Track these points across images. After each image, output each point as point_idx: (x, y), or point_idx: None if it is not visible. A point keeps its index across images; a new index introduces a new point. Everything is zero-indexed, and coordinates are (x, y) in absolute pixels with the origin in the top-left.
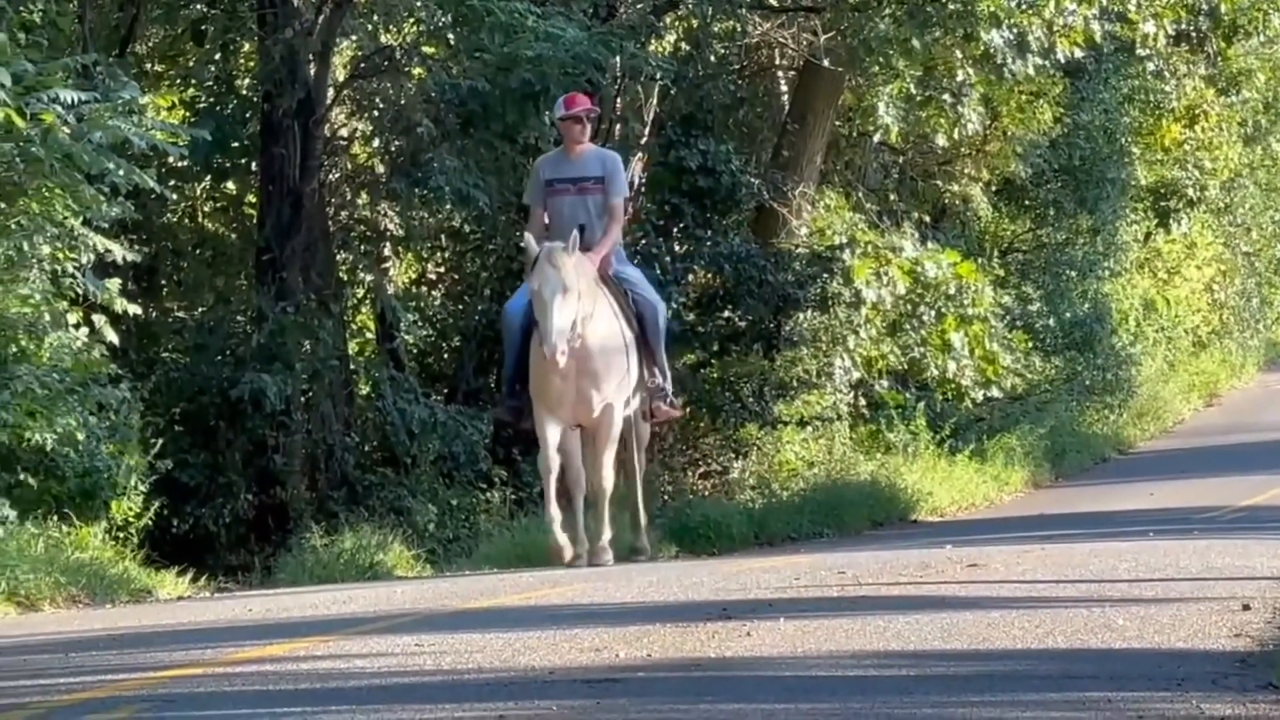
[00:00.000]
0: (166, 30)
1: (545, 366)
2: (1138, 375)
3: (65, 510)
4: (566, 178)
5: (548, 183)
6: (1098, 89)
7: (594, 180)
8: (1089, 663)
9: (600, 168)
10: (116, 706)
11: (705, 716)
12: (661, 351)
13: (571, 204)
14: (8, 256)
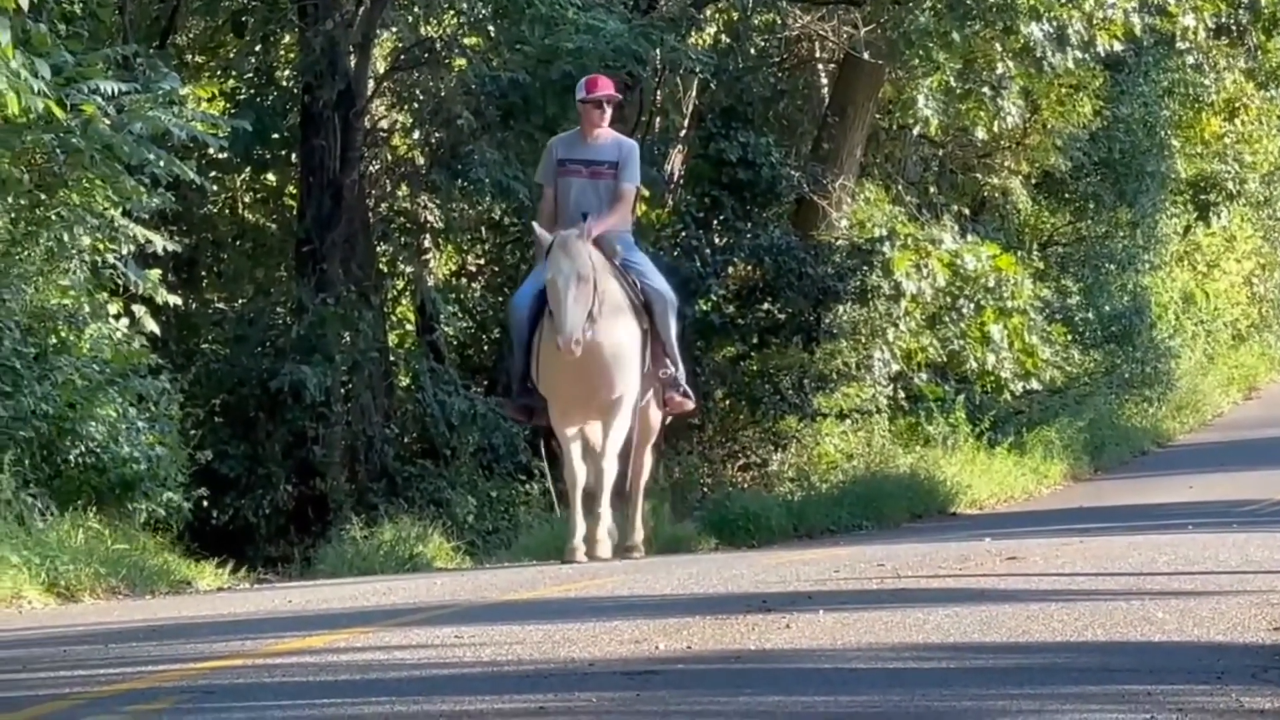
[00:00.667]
0: (207, 21)
1: (556, 361)
2: (1177, 368)
3: (105, 501)
4: (579, 159)
5: (560, 162)
6: (1137, 82)
7: (608, 165)
8: (1128, 656)
9: (616, 154)
10: (156, 698)
11: (745, 709)
12: (672, 341)
13: (581, 187)
14: (48, 247)
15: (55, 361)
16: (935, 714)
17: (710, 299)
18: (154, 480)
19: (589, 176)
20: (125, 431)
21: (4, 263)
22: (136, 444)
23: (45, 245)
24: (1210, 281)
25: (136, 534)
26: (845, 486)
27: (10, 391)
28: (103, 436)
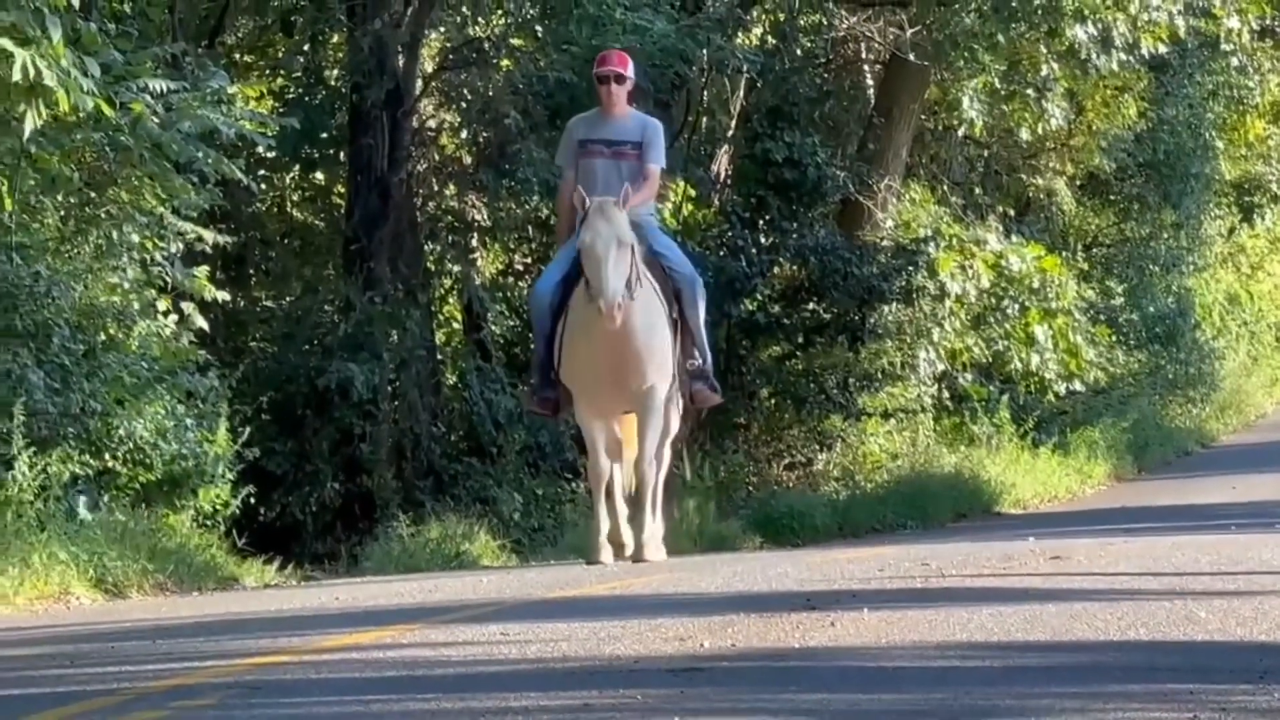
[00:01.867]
0: (256, 21)
1: (584, 347)
2: (1220, 369)
3: (153, 497)
4: (600, 139)
5: (580, 143)
6: (1182, 84)
7: (631, 145)
8: (1171, 655)
9: (640, 133)
10: (203, 694)
11: (789, 706)
12: (701, 331)
13: (604, 167)
14: (97, 245)
15: (104, 359)
16: (979, 712)
17: (756, 298)
18: (202, 477)
19: (611, 156)
20: (173, 429)
21: (54, 260)
22: (184, 441)
23: (95, 243)
24: (1254, 283)
25: (184, 530)
26: (890, 486)
27: (59, 388)
28: (151, 433)
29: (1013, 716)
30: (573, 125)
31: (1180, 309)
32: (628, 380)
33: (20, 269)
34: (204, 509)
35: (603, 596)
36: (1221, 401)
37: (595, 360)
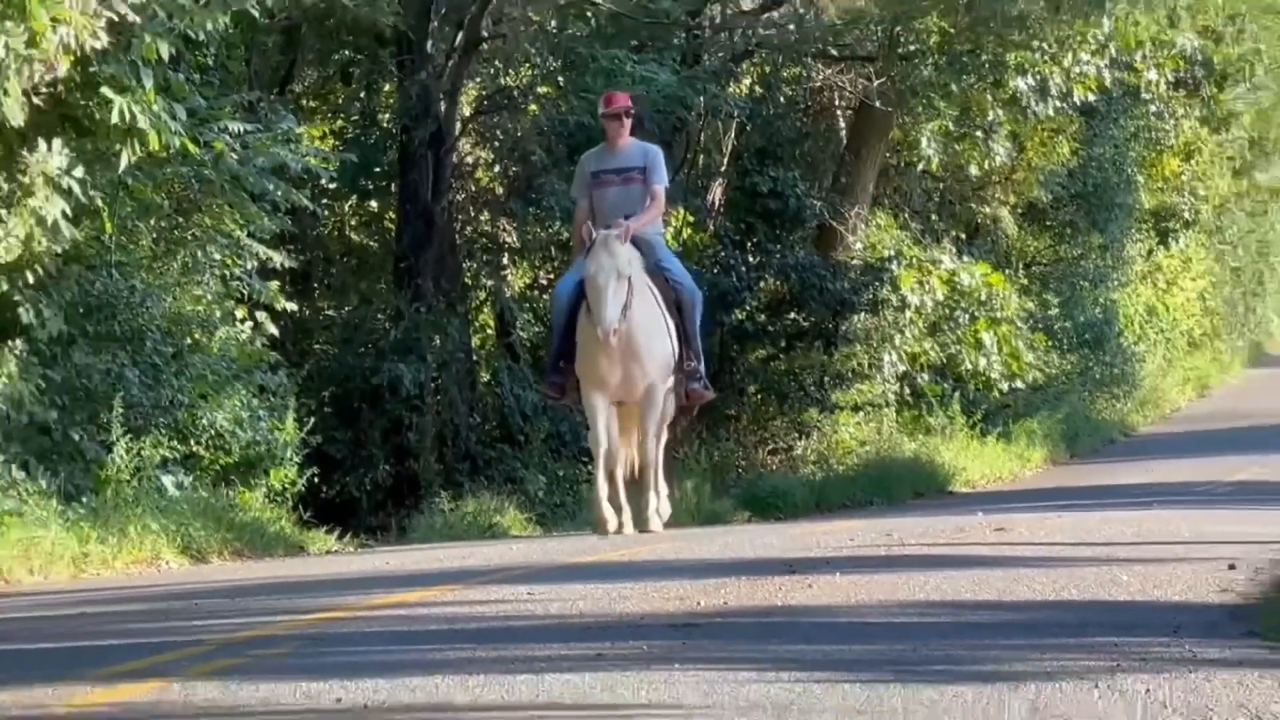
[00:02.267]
0: (319, 72)
1: (594, 347)
2: (1140, 370)
3: (231, 477)
4: (611, 169)
5: (593, 175)
6: (1108, 127)
7: (637, 170)
8: (1099, 613)
9: (642, 158)
10: (274, 644)
11: (773, 656)
12: (697, 337)
13: (617, 193)
14: (184, 263)
15: (190, 359)
16: (936, 661)
17: (745, 309)
18: (272, 460)
19: (622, 183)
20: (248, 419)
21: (148, 275)
22: (258, 429)
23: (182, 261)
24: (1169, 296)
25: (257, 505)
26: (859, 469)
27: (152, 384)
28: (229, 423)
29: (964, 664)
30: (584, 160)
31: (1106, 319)
32: (633, 378)
33: (119, 283)
34: (274, 487)
35: (614, 562)
36: (1141, 398)
37: (602, 359)
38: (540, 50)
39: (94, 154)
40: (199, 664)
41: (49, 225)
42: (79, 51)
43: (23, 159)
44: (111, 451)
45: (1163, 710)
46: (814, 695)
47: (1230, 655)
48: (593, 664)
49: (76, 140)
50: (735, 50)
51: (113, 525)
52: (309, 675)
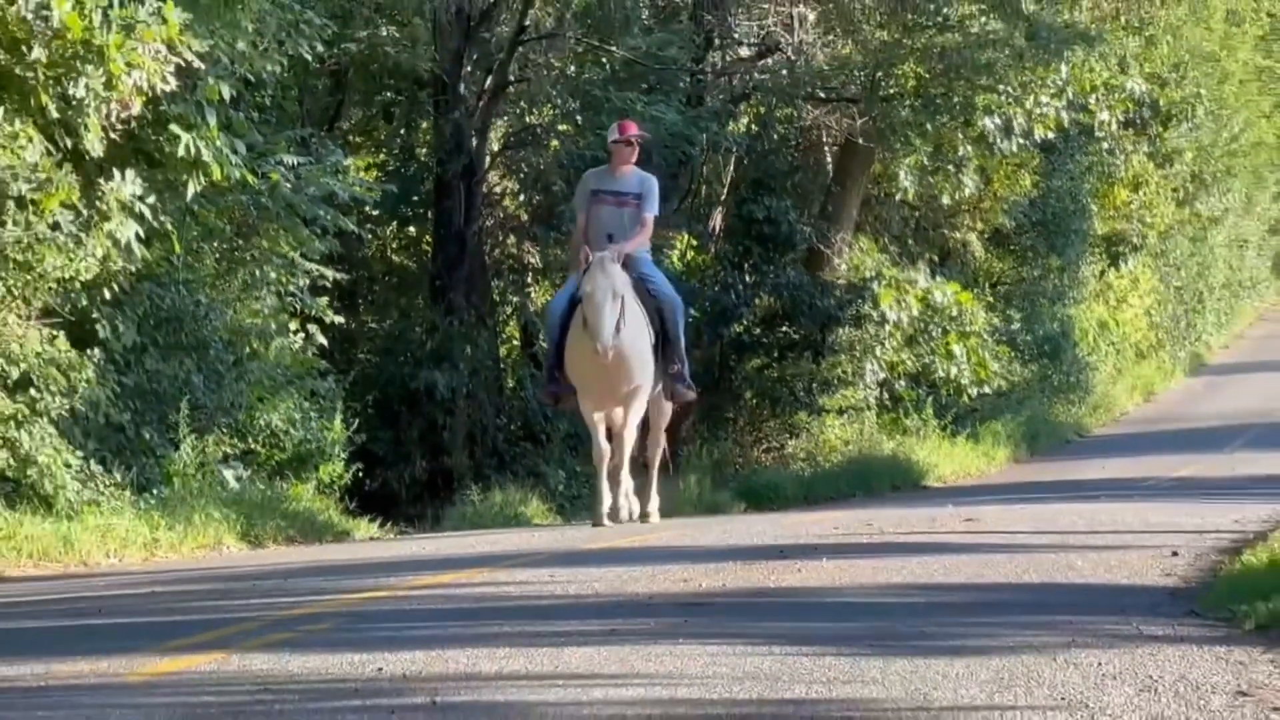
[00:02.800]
0: (364, 111)
1: (584, 361)
2: (1093, 378)
3: (285, 471)
4: (609, 190)
5: (594, 192)
6: (1065, 162)
7: (633, 196)
8: (1056, 594)
9: (639, 186)
10: (322, 620)
11: (767, 631)
12: (679, 343)
13: (610, 213)
14: (244, 280)
15: (249, 366)
16: (911, 636)
17: (742, 323)
18: (322, 456)
19: (616, 205)
20: (300, 419)
21: (211, 291)
22: (309, 429)
23: (242, 279)
24: (1119, 313)
25: (308, 497)
26: (843, 465)
27: (215, 388)
28: (283, 423)
29: (936, 639)
30: (587, 177)
31: (1063, 332)
32: (619, 385)
33: (186, 298)
34: (323, 480)
35: (625, 548)
36: (1093, 403)
37: (593, 369)
38: (561, 92)
39: (163, 183)
40: (255, 637)
41: (123, 247)
42: (150, 92)
43: (100, 187)
44: (178, 448)
45: (1113, 681)
46: (802, 666)
47: (1173, 632)
48: (606, 638)
49: (148, 171)
50: (734, 93)
51: (179, 514)
52: (353, 648)
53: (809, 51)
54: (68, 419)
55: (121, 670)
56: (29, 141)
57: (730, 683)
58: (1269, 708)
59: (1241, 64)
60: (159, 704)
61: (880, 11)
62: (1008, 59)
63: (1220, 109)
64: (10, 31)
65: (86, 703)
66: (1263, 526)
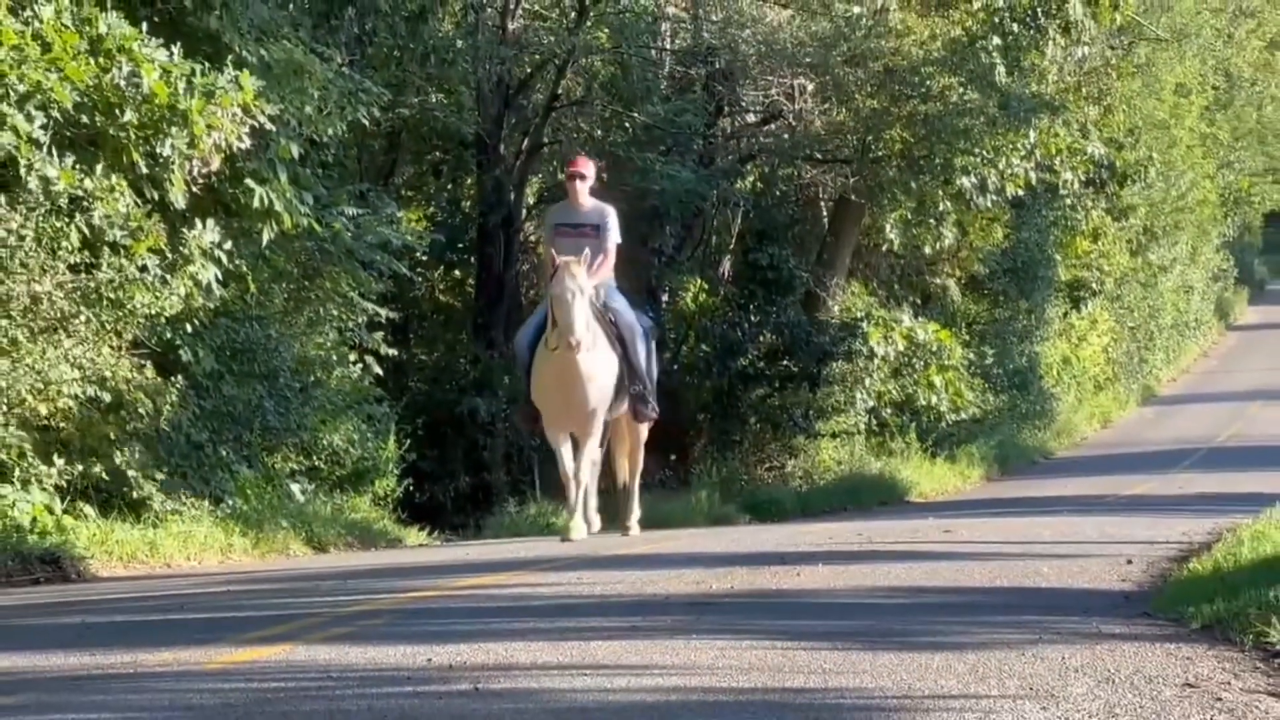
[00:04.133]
0: (416, 168)
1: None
2: (1057, 407)
3: (345, 485)
4: (570, 223)
5: (555, 226)
6: (1033, 216)
7: (592, 227)
8: (1025, 597)
9: (598, 218)
10: (378, 616)
11: (770, 628)
12: (641, 365)
13: (571, 245)
14: (309, 317)
15: (313, 392)
16: (897, 633)
17: (747, 357)
18: (377, 472)
19: (576, 236)
20: (358, 440)
21: (281, 326)
22: (366, 448)
23: (308, 315)
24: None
25: (365, 508)
26: (835, 482)
27: (284, 412)
28: (344, 443)
29: (918, 636)
30: (550, 212)
31: (1030, 366)
32: (576, 405)
33: (258, 331)
34: (378, 494)
35: (644, 554)
36: (1057, 429)
37: (553, 392)
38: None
39: (239, 231)
40: (319, 631)
41: (204, 287)
42: (228, 150)
43: (184, 235)
44: (251, 465)
45: (1075, 673)
46: (801, 659)
47: (1129, 631)
48: (628, 633)
49: (226, 220)
50: (742, 154)
51: (252, 522)
52: (405, 641)
53: (807, 118)
54: (154, 438)
55: (201, 659)
56: (121, 194)
57: (737, 673)
58: (1213, 698)
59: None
60: (234, 689)
61: (870, 83)
62: (983, 125)
63: (1169, 170)
64: (105, 96)
65: (170, 688)
66: (1207, 538)
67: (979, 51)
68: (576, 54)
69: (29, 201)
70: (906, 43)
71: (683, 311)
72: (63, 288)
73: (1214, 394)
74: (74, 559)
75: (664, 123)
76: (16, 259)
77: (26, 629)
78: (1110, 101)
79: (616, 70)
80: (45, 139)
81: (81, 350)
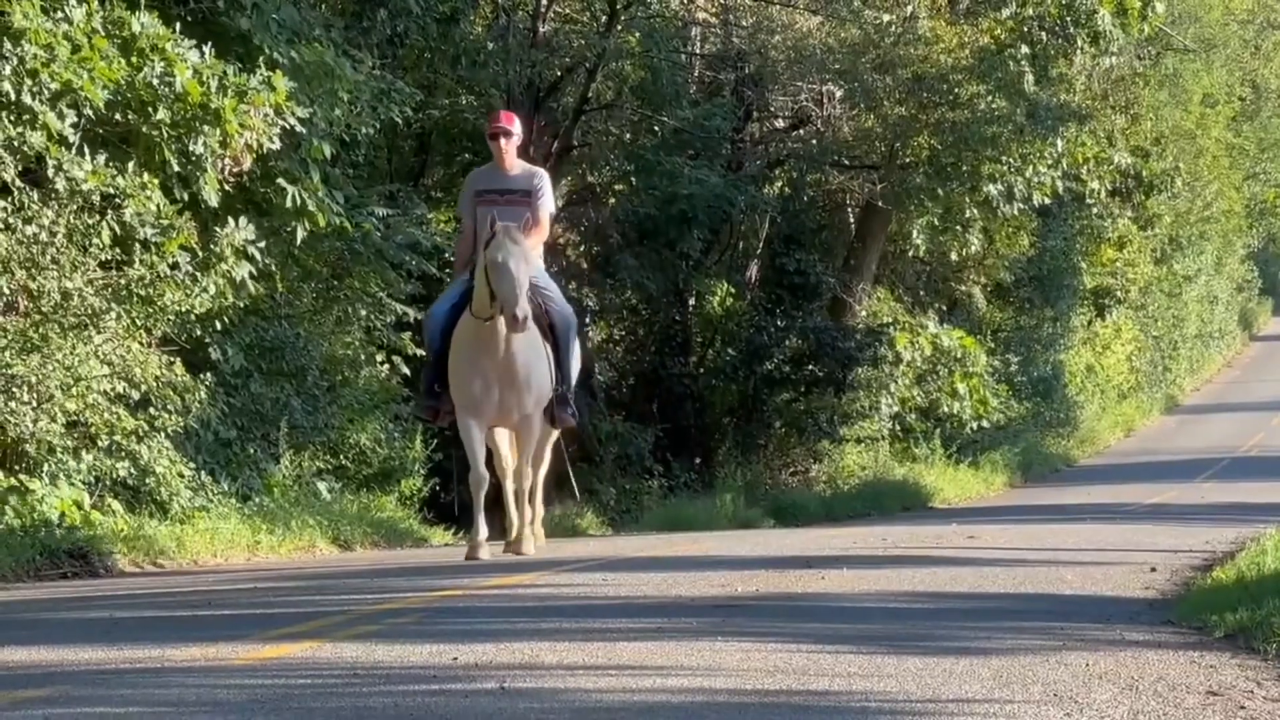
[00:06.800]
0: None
1: (469, 370)
2: (1081, 415)
3: (371, 485)
4: (495, 189)
5: (478, 193)
6: (1059, 224)
7: (521, 194)
8: (1048, 603)
9: (529, 183)
10: (404, 614)
11: (794, 631)
12: (570, 363)
13: (499, 214)
14: (338, 316)
15: (341, 392)
16: (920, 638)
17: (773, 361)
18: (403, 472)
19: (504, 204)
20: (385, 439)
21: (309, 325)
22: (392, 448)
23: (336, 315)
24: (1104, 358)
25: (391, 507)
26: (860, 487)
27: (312, 411)
28: (370, 442)
29: (942, 641)
30: (471, 178)
31: (1054, 374)
32: (507, 405)
33: (287, 331)
34: (404, 493)
35: (669, 556)
36: (1080, 436)
37: (477, 382)
38: (617, 156)
39: (269, 230)
40: (345, 629)
41: (238, 284)
42: (260, 150)
43: (216, 233)
44: (279, 463)
45: (1099, 680)
46: (825, 662)
47: (1152, 638)
48: (654, 635)
49: (256, 219)
50: (770, 159)
51: (278, 520)
52: (432, 639)
53: (836, 124)
54: (182, 434)
55: (228, 655)
56: (153, 192)
57: (763, 675)
58: (1236, 706)
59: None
60: (261, 685)
61: (899, 90)
62: (1010, 133)
63: (1195, 180)
64: (139, 94)
65: (197, 684)
66: (1230, 547)
67: (1007, 60)
68: (606, 57)
69: (60, 198)
70: (935, 50)
71: (709, 315)
72: (93, 284)
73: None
74: (102, 554)
75: (693, 127)
76: (48, 255)
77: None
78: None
79: (646, 74)
80: (75, 138)
81: (111, 347)
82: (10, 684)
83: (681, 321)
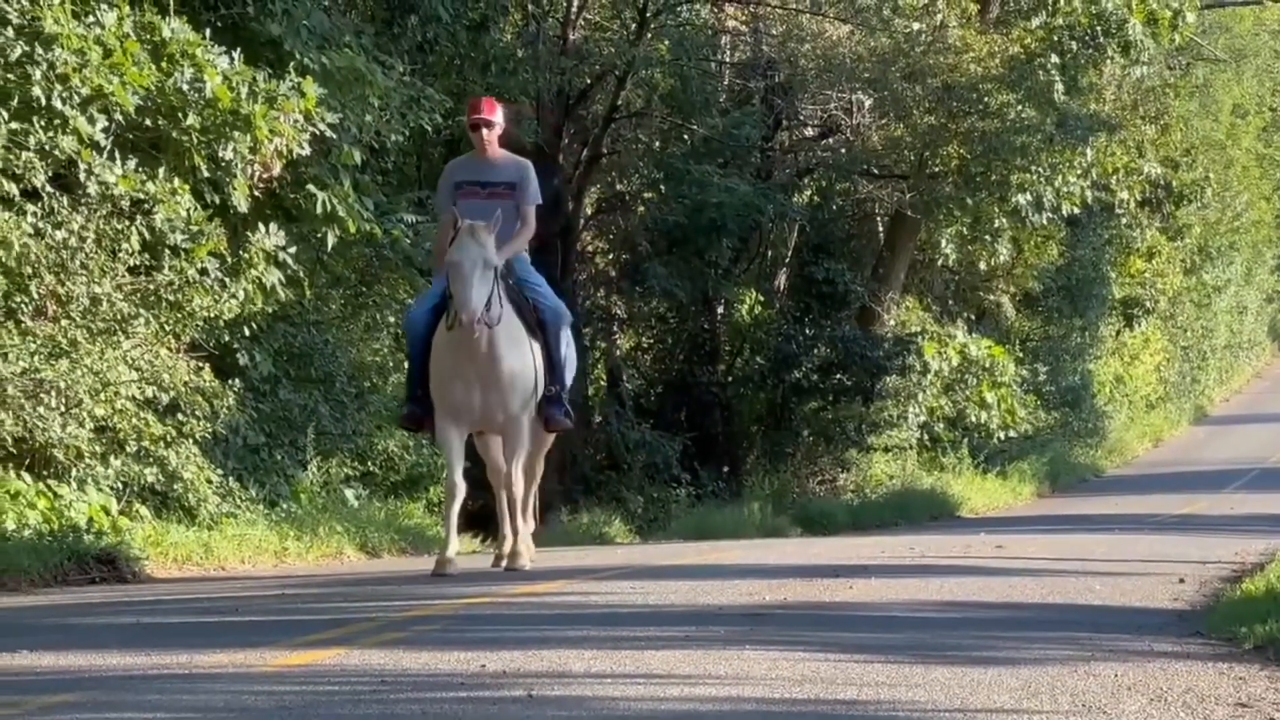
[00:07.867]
0: None
1: (449, 371)
2: (1109, 425)
3: (399, 491)
4: (476, 181)
5: (457, 185)
6: (1088, 235)
7: (505, 186)
8: (1077, 613)
9: (513, 175)
10: (432, 622)
11: (822, 639)
12: (561, 361)
13: (480, 208)
14: (365, 323)
15: (369, 398)
16: (948, 648)
17: (802, 370)
18: (431, 479)
19: (486, 197)
20: (413, 446)
21: (337, 332)
22: (420, 455)
23: (364, 321)
24: (1133, 368)
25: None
26: (887, 496)
27: (339, 417)
28: (398, 449)
29: (970, 650)
30: (450, 169)
31: (1083, 384)
32: (490, 407)
33: (315, 337)
34: (432, 500)
35: (698, 564)
36: (1108, 447)
37: (458, 384)
38: (647, 164)
39: (298, 236)
40: (372, 636)
41: (269, 290)
42: (290, 156)
43: (247, 239)
44: (306, 469)
45: (1128, 691)
46: (853, 671)
47: (1181, 649)
48: (681, 643)
49: (286, 225)
50: (799, 168)
51: (306, 526)
52: (459, 647)
53: (865, 133)
54: (210, 440)
55: (255, 662)
56: (182, 197)
57: (791, 684)
58: (1265, 717)
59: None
60: (288, 692)
61: (928, 99)
62: (1039, 143)
63: (1225, 191)
64: (169, 99)
65: (225, 689)
66: (1260, 559)
67: (1037, 69)
68: (636, 65)
69: (90, 203)
70: (965, 60)
71: (738, 324)
72: (122, 290)
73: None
74: (129, 559)
75: (722, 135)
76: (77, 260)
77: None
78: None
79: (676, 82)
80: (106, 143)
81: (140, 352)
82: (39, 689)
83: (710, 330)
